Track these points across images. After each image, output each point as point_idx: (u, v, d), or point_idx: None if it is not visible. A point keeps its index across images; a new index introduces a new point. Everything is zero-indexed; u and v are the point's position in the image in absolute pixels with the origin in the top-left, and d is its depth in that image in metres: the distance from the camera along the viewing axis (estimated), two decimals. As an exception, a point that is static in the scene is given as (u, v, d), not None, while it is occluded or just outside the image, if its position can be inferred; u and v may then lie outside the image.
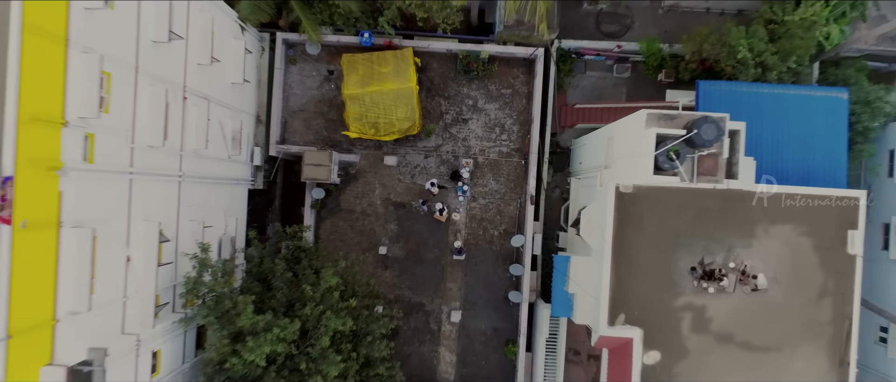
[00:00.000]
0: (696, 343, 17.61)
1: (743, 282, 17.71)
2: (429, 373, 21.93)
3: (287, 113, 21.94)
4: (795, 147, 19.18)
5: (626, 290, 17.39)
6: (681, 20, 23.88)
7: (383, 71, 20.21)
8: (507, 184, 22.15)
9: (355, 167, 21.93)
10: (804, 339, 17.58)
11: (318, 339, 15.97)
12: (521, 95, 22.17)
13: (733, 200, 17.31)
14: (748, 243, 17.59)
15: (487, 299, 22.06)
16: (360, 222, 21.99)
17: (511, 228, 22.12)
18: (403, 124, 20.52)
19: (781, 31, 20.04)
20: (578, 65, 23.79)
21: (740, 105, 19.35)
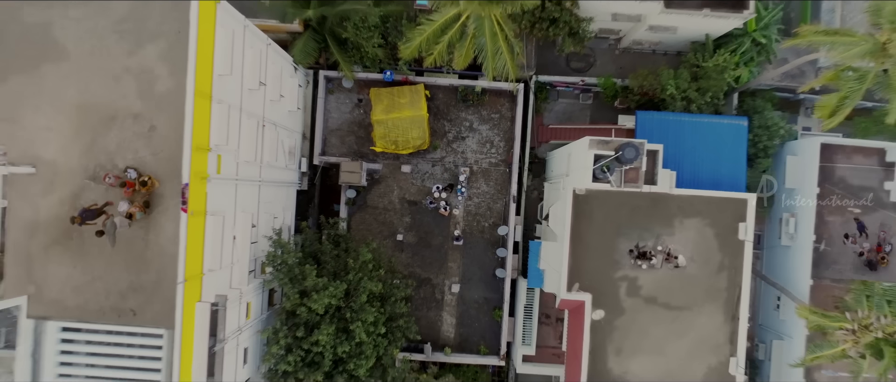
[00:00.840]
0: (630, 304, 24.45)
1: (668, 261, 24.60)
2: (434, 332, 28.79)
3: (326, 131, 28.77)
4: (708, 161, 26.04)
5: (580, 266, 24.22)
6: (633, 59, 30.74)
7: (401, 101, 27.06)
8: (495, 186, 29.00)
9: (379, 173, 28.76)
10: (707, 301, 24.44)
11: (358, 297, 22.79)
12: (506, 118, 29.02)
13: (659, 200, 24.16)
14: (671, 232, 24.44)
15: (479, 275, 28.92)
16: (382, 215, 28.82)
17: (498, 221, 28.97)
18: (416, 141, 27.37)
19: (701, 73, 26.89)
20: (552, 93, 30.66)
21: (667, 129, 26.24)
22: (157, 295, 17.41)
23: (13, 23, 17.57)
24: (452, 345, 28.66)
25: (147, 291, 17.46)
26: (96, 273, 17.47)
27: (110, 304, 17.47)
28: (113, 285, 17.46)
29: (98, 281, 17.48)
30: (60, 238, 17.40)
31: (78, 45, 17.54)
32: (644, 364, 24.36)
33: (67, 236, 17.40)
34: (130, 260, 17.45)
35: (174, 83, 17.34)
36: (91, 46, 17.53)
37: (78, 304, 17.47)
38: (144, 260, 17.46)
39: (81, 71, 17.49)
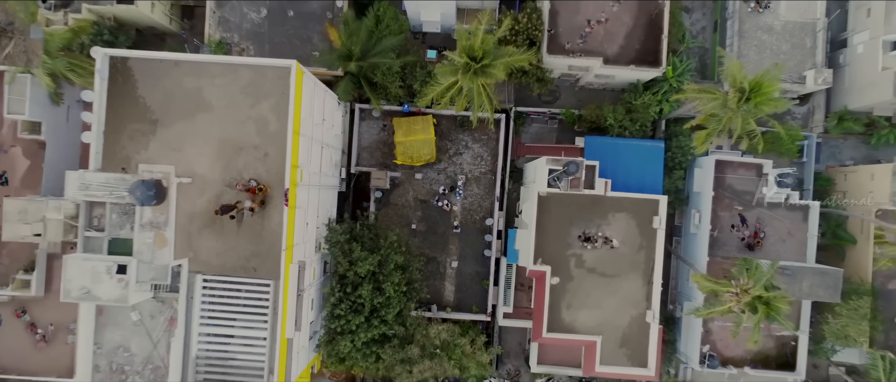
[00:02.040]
0: (578, 273, 35.15)
1: (605, 243, 35.34)
2: (438, 296, 39.50)
3: (360, 148, 39.45)
4: (635, 172, 36.73)
5: (543, 246, 34.87)
6: (588, 94, 41.43)
7: (416, 128, 37.74)
8: (484, 189, 39.68)
9: (398, 179, 39.44)
10: (631, 271, 35.15)
11: (387, 266, 33.50)
12: (492, 139, 39.68)
13: (598, 200, 34.85)
14: (607, 222, 35.19)
15: (472, 254, 39.60)
16: (400, 210, 39.48)
17: (487, 215, 39.62)
18: (427, 157, 38.05)
19: (633, 108, 37.62)
20: (527, 120, 41.35)
21: (607, 149, 36.97)
22: (269, 258, 28.13)
23: (178, 87, 28.26)
24: (452, 306, 39.41)
25: (262, 256, 28.20)
26: (230, 245, 28.19)
27: (240, 264, 28.21)
28: (241, 252, 28.19)
29: (232, 250, 28.20)
30: (208, 223, 28.11)
31: (219, 101, 28.24)
32: (586, 315, 35.11)
33: (212, 222, 28.10)
34: (252, 237, 28.18)
35: (280, 126, 28.06)
36: (227, 102, 28.23)
37: (220, 264, 28.21)
38: (261, 236, 28.20)
39: (221, 118, 28.19)
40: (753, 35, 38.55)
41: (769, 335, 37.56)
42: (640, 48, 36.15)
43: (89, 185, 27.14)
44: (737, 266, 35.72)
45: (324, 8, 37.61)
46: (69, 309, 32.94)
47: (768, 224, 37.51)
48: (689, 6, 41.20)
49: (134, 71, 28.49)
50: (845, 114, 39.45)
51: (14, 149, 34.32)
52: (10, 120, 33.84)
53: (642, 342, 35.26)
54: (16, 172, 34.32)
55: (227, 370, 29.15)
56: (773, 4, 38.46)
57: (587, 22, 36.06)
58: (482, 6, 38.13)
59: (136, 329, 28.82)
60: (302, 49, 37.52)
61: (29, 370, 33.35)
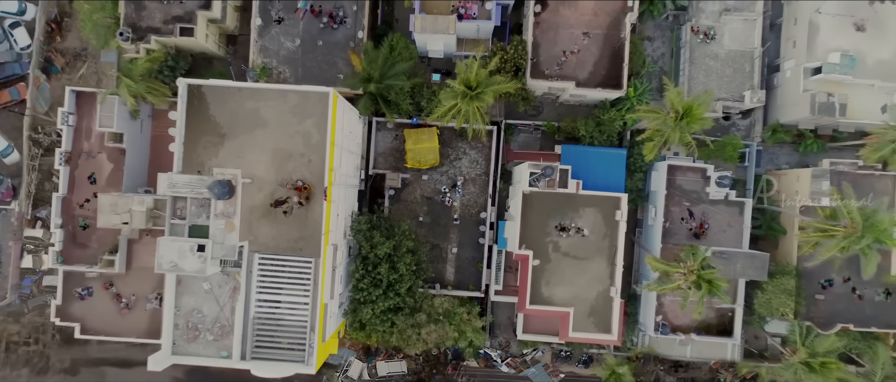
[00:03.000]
0: (555, 256, 43.78)
1: (577, 232, 44.03)
2: (441, 276, 48.11)
3: (376, 154, 48.09)
4: (602, 174, 45.26)
5: (526, 235, 43.47)
6: (567, 108, 50.01)
7: (423, 137, 46.38)
8: (480, 188, 48.28)
9: (408, 180, 48.07)
10: (598, 255, 43.76)
11: (400, 249, 42.18)
12: (487, 147, 48.27)
13: (571, 197, 43.48)
14: (579, 215, 43.85)
15: (469, 242, 48.22)
16: (409, 205, 48.08)
17: (481, 209, 48.24)
18: (432, 162, 46.67)
19: (601, 121, 46.24)
20: (516, 130, 49.98)
21: (580, 155, 45.57)
22: (311, 241, 36.81)
23: (241, 108, 36.95)
24: (452, 284, 48.08)
25: (306, 239, 36.89)
26: (281, 230, 36.87)
27: (288, 245, 36.89)
28: (289, 236, 36.86)
29: (282, 234, 36.89)
30: (264, 213, 36.79)
31: (272, 119, 36.91)
32: (562, 290, 43.71)
33: (268, 213, 36.78)
34: (298, 225, 36.87)
35: (320, 138, 36.74)
36: (279, 119, 36.90)
37: (273, 245, 36.89)
38: (305, 224, 36.89)
39: (274, 132, 36.86)
40: (702, 61, 47.24)
41: (711, 307, 46.17)
42: (606, 74, 44.83)
43: (176, 184, 35.83)
44: (685, 251, 44.13)
45: (347, 38, 46.21)
46: (146, 283, 41.85)
47: (711, 217, 46.17)
48: (651, 36, 49.76)
49: (206, 95, 37.20)
50: (777, 126, 48.12)
51: (101, 154, 43.07)
52: (98, 131, 42.51)
53: (607, 313, 43.89)
54: (102, 173, 43.04)
55: (277, 328, 37.87)
56: (718, 35, 47.13)
57: (563, 52, 44.75)
58: (477, 37, 46.82)
59: (207, 295, 37.52)
60: (329, 72, 46.13)
61: (115, 332, 42.18)
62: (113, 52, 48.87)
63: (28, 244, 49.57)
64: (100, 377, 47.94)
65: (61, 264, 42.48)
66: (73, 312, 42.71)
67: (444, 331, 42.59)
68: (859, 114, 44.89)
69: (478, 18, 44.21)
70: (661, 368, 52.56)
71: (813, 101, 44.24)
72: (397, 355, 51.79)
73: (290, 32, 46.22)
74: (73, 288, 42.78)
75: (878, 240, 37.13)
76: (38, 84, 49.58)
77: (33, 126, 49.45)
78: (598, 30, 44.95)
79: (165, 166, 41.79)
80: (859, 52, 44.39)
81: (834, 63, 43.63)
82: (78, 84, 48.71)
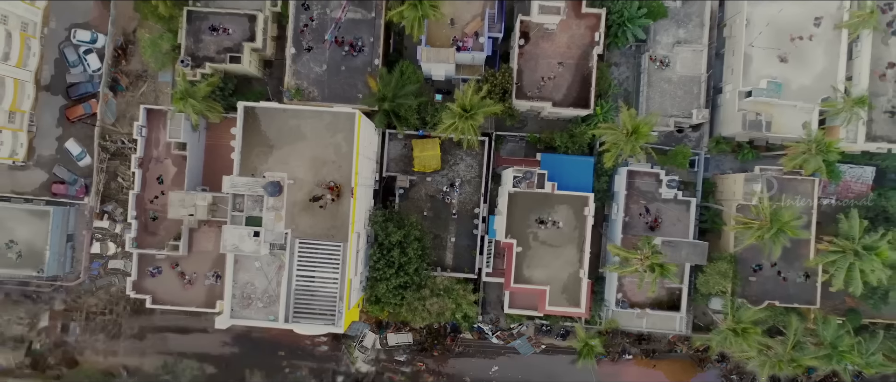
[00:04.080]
0: (535, 245, 54.62)
1: (553, 225, 54.89)
2: (442, 261, 58.71)
3: (389, 159, 58.94)
4: (573, 177, 56.01)
5: (511, 227, 54.29)
6: (547, 122, 60.76)
7: (427, 146, 57.20)
8: (474, 188, 59.08)
9: (415, 181, 58.85)
10: (570, 243, 54.58)
11: (409, 237, 53.03)
12: (480, 154, 59.01)
13: (549, 196, 54.31)
14: (555, 211, 54.68)
15: (465, 232, 59.01)
16: (416, 201, 58.83)
17: (475, 205, 59.04)
18: (434, 166, 57.49)
19: (574, 134, 57.06)
20: (505, 140, 60.79)
21: (556, 162, 56.39)
22: (341, 229, 47.66)
23: (285, 124, 47.83)
24: (451, 268, 58.79)
25: (336, 228, 47.73)
26: (317, 221, 47.70)
27: (322, 233, 47.75)
28: (324, 225, 47.68)
29: (318, 224, 47.71)
30: (304, 207, 47.66)
31: (310, 133, 47.77)
32: (540, 272, 54.50)
33: (307, 207, 47.64)
34: (330, 216, 47.73)
35: (348, 149, 47.61)
36: (315, 134, 47.76)
37: (310, 232, 47.75)
38: (335, 216, 47.74)
39: (312, 144, 47.73)
40: (658, 84, 58.11)
41: (663, 287, 56.89)
42: (577, 95, 55.69)
43: (236, 184, 46.66)
44: (641, 241, 54.85)
45: (365, 64, 56.91)
46: (205, 263, 52.73)
47: (664, 213, 56.99)
48: (618, 62, 60.56)
49: (259, 114, 48.06)
50: (720, 139, 58.99)
51: (167, 160, 53.91)
52: (165, 141, 53.33)
53: (577, 290, 54.65)
54: (168, 175, 53.86)
55: (313, 297, 48.70)
56: (672, 63, 57.98)
57: (542, 78, 55.63)
58: (473, 63, 57.59)
59: (258, 271, 48.34)
60: (350, 92, 56.86)
61: (180, 302, 53.05)
62: (169, 73, 59.97)
63: (97, 233, 60.39)
64: (162, 341, 58.84)
65: (136, 248, 53.28)
66: (146, 286, 53.56)
67: (444, 303, 53.42)
68: (784, 130, 55.77)
69: (473, 50, 55.11)
70: (627, 341, 63.33)
71: (744, 119, 55.12)
72: (404, 328, 62.50)
73: (318, 59, 56.89)
74: (145, 267, 53.61)
75: (781, 230, 47.97)
76: (107, 100, 60.45)
77: (102, 135, 60.27)
78: (571, 60, 55.87)
79: (218, 170, 52.97)
80: (785, 79, 55.24)
81: (762, 88, 54.47)
82: (140, 100, 59.72)
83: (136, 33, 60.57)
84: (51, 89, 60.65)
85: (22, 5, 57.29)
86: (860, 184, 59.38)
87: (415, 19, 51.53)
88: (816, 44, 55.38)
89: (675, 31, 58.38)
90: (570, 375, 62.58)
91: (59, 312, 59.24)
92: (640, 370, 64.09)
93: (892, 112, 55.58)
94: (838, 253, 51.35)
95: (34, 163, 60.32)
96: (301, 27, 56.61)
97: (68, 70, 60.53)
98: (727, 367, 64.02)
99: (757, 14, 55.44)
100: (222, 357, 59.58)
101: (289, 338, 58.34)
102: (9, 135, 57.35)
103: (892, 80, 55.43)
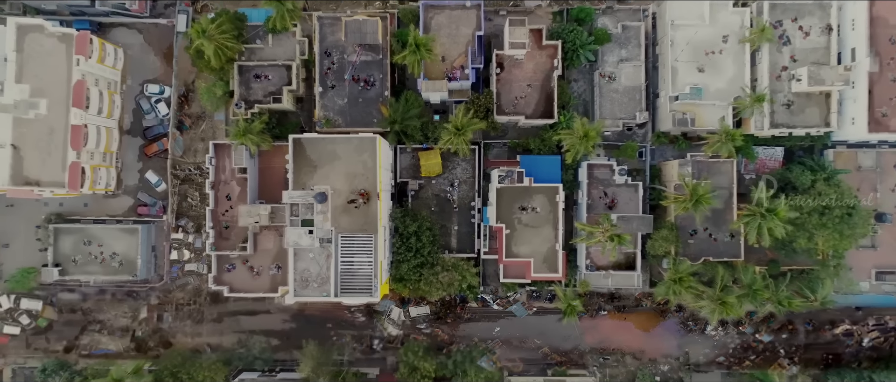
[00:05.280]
0: (519, 227, 71.75)
1: (533, 211, 72.11)
2: (448, 245, 75.75)
3: (401, 168, 76.08)
4: (545, 172, 73.07)
5: (500, 214, 71.44)
6: (524, 131, 77.76)
7: (430, 156, 74.32)
8: (469, 186, 76.14)
9: (422, 184, 75.91)
10: (547, 224, 71.67)
11: (422, 227, 70.18)
12: (472, 159, 76.12)
13: (528, 189, 71.42)
14: (534, 199, 71.83)
15: (465, 221, 76.01)
16: (425, 200, 75.85)
17: (472, 200, 76.09)
18: (437, 171, 74.59)
19: (544, 139, 74.14)
20: (491, 147, 77.89)
21: (531, 162, 73.51)
22: (371, 224, 64.86)
23: (325, 148, 65.15)
24: (455, 249, 75.82)
25: (368, 223, 64.92)
26: (353, 219, 64.94)
27: (358, 228, 65.00)
28: (358, 222, 64.95)
29: (354, 221, 65.00)
30: (343, 209, 64.91)
31: (343, 154, 65.10)
32: (525, 247, 71.61)
33: (345, 209, 64.90)
34: (363, 215, 64.93)
35: (373, 164, 64.84)
36: (347, 154, 65.06)
37: (349, 228, 64.98)
38: (367, 214, 64.92)
39: (345, 162, 65.05)
40: (608, 94, 75.21)
41: (621, 252, 73.88)
42: (544, 109, 72.83)
43: (293, 197, 63.82)
44: (602, 218, 71.82)
45: (377, 95, 73.97)
46: (267, 258, 70.01)
47: (619, 195, 74.02)
48: (576, 78, 77.62)
49: (304, 143, 65.25)
50: (660, 134, 76.11)
51: (233, 182, 71.09)
52: (231, 167, 70.54)
53: (555, 260, 71.65)
54: (234, 193, 71.08)
55: (353, 277, 65.80)
56: (617, 77, 75.05)
57: (515, 97, 72.77)
58: (461, 88, 74.63)
59: (312, 260, 65.47)
60: (367, 119, 73.92)
61: (250, 289, 70.34)
62: (222, 113, 77.25)
63: (174, 243, 77.52)
64: (236, 323, 76.05)
65: (214, 251, 70.44)
66: (223, 279, 70.75)
67: (452, 276, 70.50)
68: (706, 124, 72.83)
69: (460, 79, 72.24)
70: (602, 300, 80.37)
71: (674, 118, 72.23)
72: (423, 302, 79.51)
73: (340, 94, 74.03)
74: (222, 265, 70.80)
75: (700, 202, 65.08)
76: (175, 138, 77.68)
77: (173, 166, 77.46)
78: (537, 81, 73.07)
79: (270, 186, 70.28)
80: (704, 84, 72.28)
81: (686, 93, 71.55)
82: (201, 136, 77.08)
83: (195, 83, 77.76)
84: (131, 132, 77.93)
85: (108, 69, 74.43)
86: (772, 161, 76.46)
87: (414, 61, 68.64)
88: (726, 56, 72.48)
89: (618, 51, 75.48)
90: (558, 330, 79.55)
91: (155, 305, 76.51)
92: (613, 322, 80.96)
93: (787, 104, 72.61)
94: (750, 215, 68.35)
95: (122, 191, 77.60)
96: (325, 70, 73.72)
97: (143, 116, 77.86)
98: (684, 315, 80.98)
99: (679, 36, 72.53)
100: (283, 331, 76.91)
101: (334, 313, 75.67)
102: (103, 171, 74.54)
103: (786, 80, 72.39)
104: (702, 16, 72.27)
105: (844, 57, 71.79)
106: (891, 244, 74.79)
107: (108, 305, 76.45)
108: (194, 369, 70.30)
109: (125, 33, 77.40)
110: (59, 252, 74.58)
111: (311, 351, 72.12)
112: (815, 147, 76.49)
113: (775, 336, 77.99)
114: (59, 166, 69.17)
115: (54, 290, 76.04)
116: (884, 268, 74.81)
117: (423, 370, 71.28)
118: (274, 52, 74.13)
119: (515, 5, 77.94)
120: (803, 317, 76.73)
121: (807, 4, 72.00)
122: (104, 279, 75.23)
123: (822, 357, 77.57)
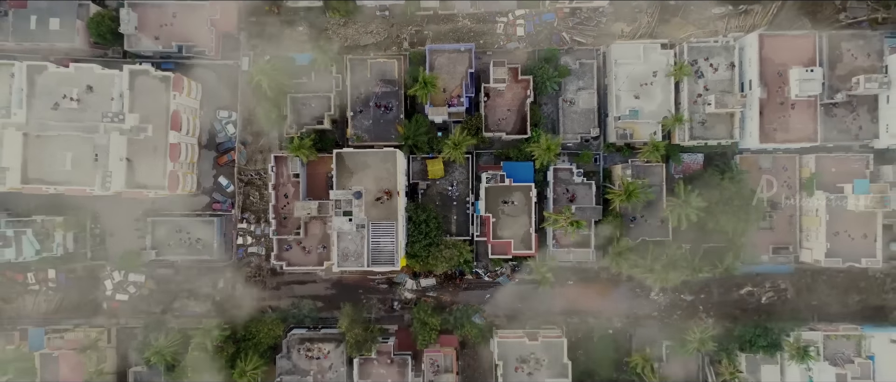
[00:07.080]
0: (503, 216, 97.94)
1: (513, 204, 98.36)
2: (449, 230, 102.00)
3: (413, 172, 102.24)
4: (523, 175, 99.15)
5: (488, 206, 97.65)
6: (506, 143, 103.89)
7: (435, 163, 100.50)
8: (465, 186, 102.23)
9: (429, 184, 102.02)
10: (523, 213, 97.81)
11: (430, 216, 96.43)
12: (467, 165, 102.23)
13: (510, 187, 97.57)
14: (513, 195, 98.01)
15: (462, 212, 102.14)
16: (432, 197, 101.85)
17: (467, 196, 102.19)
18: (441, 175, 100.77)
19: (521, 149, 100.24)
20: (482, 155, 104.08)
21: (512, 167, 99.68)
22: (393, 214, 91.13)
23: (360, 160, 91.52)
24: (455, 234, 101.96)
25: (391, 213, 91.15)
26: (380, 211, 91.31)
27: (383, 216, 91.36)
28: (384, 212, 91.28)
29: (381, 212, 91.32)
30: (373, 204, 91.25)
31: (372, 163, 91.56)
32: (507, 231, 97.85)
33: (374, 203, 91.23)
34: (387, 208, 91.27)
35: (394, 170, 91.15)
36: (375, 163, 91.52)
37: (378, 217, 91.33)
38: (390, 207, 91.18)
39: (374, 169, 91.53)
40: (570, 115, 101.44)
41: (579, 234, 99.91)
42: (520, 127, 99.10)
43: (337, 195, 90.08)
44: (564, 208, 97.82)
45: (394, 117, 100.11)
46: (315, 240, 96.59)
47: (578, 191, 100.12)
48: (545, 102, 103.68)
49: (344, 156, 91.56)
50: (609, 144, 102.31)
51: (288, 184, 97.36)
52: (287, 173, 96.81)
53: (529, 240, 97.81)
54: (290, 193, 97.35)
55: (381, 253, 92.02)
56: (576, 102, 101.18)
57: (499, 118, 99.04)
58: (458, 111, 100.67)
59: (350, 239, 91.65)
60: (387, 135, 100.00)
61: (302, 264, 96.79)
62: (276, 131, 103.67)
63: (239, 232, 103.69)
64: (290, 290, 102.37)
65: (275, 235, 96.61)
66: (282, 256, 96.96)
67: (452, 253, 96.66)
68: (642, 137, 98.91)
69: (457, 106, 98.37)
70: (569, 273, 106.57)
71: (618, 132, 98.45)
72: (430, 274, 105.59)
73: (367, 116, 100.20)
74: (282, 246, 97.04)
75: (632, 195, 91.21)
76: (240, 151, 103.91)
77: (239, 172, 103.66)
78: (515, 106, 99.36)
79: (315, 187, 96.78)
80: (640, 108, 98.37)
81: (626, 114, 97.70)
82: (260, 149, 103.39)
83: (255, 109, 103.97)
84: (207, 147, 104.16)
85: (191, 100, 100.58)
86: (695, 164, 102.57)
87: (423, 93, 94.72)
88: (656, 86, 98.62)
89: (577, 82, 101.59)
90: (535, 296, 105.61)
91: (229, 277, 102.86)
92: (578, 289, 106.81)
93: (702, 122, 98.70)
94: (674, 205, 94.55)
95: (200, 192, 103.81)
96: (355, 99, 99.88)
97: (216, 134, 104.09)
98: (632, 284, 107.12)
99: (620, 71, 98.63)
100: (326, 296, 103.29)
101: (364, 282, 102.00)
102: (189, 177, 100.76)
103: (701, 104, 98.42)
104: (638, 56, 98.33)
105: (745, 86, 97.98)
106: (784, 227, 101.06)
107: (193, 278, 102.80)
108: (259, 325, 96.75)
109: (202, 72, 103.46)
110: (155, 238, 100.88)
111: (347, 311, 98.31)
112: (729, 153, 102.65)
113: (695, 296, 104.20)
114: (160, 174, 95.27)
115: (153, 267, 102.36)
116: (779, 245, 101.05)
117: (431, 324, 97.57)
118: (316, 85, 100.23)
119: (499, 48, 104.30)
120: (717, 282, 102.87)
121: (715, 47, 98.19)
122: (189, 258, 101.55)
123: (731, 311, 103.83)
